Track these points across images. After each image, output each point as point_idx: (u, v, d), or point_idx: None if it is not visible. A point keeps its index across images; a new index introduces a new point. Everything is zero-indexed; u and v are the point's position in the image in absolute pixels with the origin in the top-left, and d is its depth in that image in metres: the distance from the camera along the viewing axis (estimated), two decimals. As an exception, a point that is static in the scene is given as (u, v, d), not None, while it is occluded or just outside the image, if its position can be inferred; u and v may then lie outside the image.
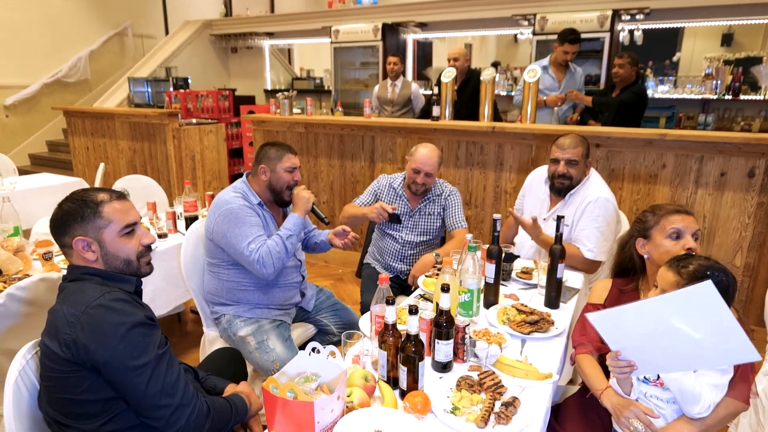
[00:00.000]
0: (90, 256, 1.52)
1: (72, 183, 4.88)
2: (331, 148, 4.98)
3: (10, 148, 8.48)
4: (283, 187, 2.55)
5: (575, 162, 2.72)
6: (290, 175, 2.54)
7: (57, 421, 1.47)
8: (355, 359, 1.77)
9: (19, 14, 8.40)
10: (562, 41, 4.66)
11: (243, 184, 2.57)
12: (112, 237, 1.54)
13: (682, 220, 1.93)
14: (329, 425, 1.35)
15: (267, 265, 2.36)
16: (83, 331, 1.38)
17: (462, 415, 1.51)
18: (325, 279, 4.85)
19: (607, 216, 2.67)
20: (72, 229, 1.50)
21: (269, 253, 2.36)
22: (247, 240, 2.37)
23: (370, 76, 8.23)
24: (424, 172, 2.98)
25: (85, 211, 1.51)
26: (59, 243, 1.54)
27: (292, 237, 2.46)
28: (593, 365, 1.86)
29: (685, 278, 1.59)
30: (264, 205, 2.56)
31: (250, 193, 2.54)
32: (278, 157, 2.51)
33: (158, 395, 1.43)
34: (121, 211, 1.57)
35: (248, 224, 2.40)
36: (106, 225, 1.53)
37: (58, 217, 1.52)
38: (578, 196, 2.77)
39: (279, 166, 2.51)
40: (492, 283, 2.24)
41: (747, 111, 6.28)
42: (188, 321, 4.06)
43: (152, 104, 8.56)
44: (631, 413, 1.63)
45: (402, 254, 3.17)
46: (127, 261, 1.58)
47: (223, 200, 2.46)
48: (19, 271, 2.58)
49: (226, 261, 2.52)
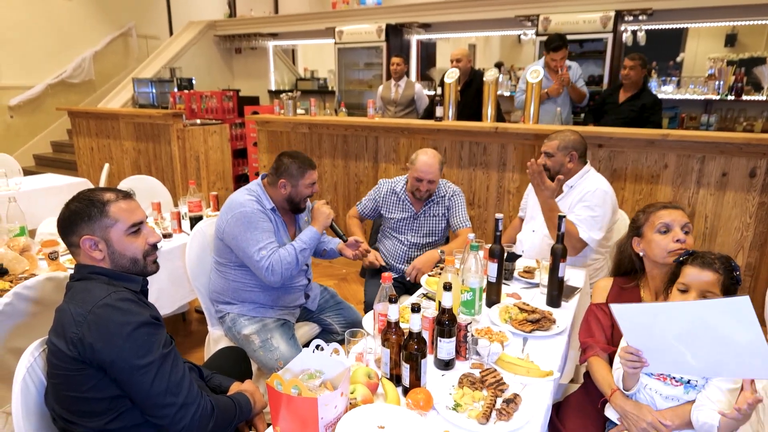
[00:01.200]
0: (97, 255, 1.55)
1: (77, 183, 4.90)
2: (334, 149, 5.01)
3: (14, 149, 8.52)
4: (302, 199, 2.58)
5: (550, 154, 2.86)
6: (310, 189, 2.57)
7: (63, 418, 1.49)
8: (358, 357, 1.78)
9: (24, 15, 8.45)
10: (547, 50, 4.68)
11: (258, 187, 2.57)
12: (118, 236, 1.56)
13: (669, 215, 1.97)
14: (333, 421, 1.37)
15: (276, 273, 2.37)
16: (90, 330, 1.40)
17: (464, 411, 1.52)
18: (329, 279, 4.87)
19: (605, 205, 2.72)
20: (79, 229, 1.52)
21: (280, 261, 2.38)
22: (258, 245, 2.38)
23: (373, 76, 8.25)
24: (427, 180, 2.99)
25: (92, 210, 1.53)
26: (67, 242, 1.56)
27: (306, 251, 2.49)
28: (605, 368, 1.87)
29: (722, 273, 1.61)
30: (277, 211, 2.57)
31: (265, 197, 2.54)
32: (300, 174, 2.52)
33: (163, 394, 1.45)
34: (128, 210, 1.59)
35: (260, 229, 2.41)
36: (113, 224, 1.55)
37: (65, 216, 1.54)
38: (577, 189, 2.84)
39: (301, 183, 2.53)
40: (494, 282, 2.25)
41: (750, 111, 6.27)
42: (193, 320, 4.08)
43: (156, 105, 8.60)
44: (650, 426, 1.64)
45: (408, 256, 3.18)
46: (134, 260, 1.60)
47: (237, 202, 2.47)
48: (25, 270, 2.61)
49: (233, 262, 2.54)
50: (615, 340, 1.94)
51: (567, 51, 4.70)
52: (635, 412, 1.68)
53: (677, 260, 1.75)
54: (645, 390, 1.73)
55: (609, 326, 1.99)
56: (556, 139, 2.86)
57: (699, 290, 1.64)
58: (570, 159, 2.83)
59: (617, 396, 1.75)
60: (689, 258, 1.71)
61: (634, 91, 4.60)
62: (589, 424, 1.87)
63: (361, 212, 3.29)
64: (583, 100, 4.96)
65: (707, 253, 1.69)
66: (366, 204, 3.27)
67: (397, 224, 3.18)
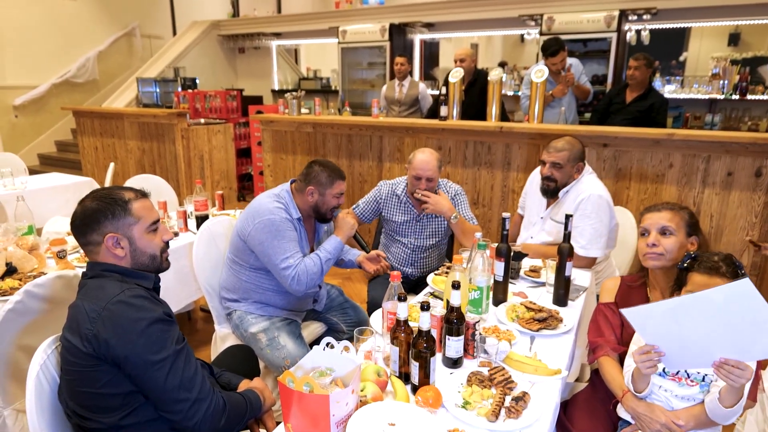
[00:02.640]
0: (119, 252, 1.58)
1: (82, 183, 4.92)
2: (339, 148, 5.02)
3: (19, 148, 8.55)
4: (328, 209, 2.58)
5: (559, 165, 2.78)
6: (337, 200, 2.57)
7: (77, 414, 1.50)
8: (367, 355, 1.79)
9: (28, 15, 8.48)
10: (545, 56, 4.67)
11: (287, 194, 2.57)
12: (140, 233, 1.61)
13: (649, 218, 1.99)
14: (344, 418, 1.38)
15: (301, 284, 2.39)
16: (104, 326, 1.42)
17: (473, 409, 1.53)
18: (334, 278, 4.88)
19: (600, 212, 2.70)
20: (103, 227, 1.55)
21: (306, 272, 2.39)
22: (285, 255, 2.39)
23: (377, 76, 8.26)
24: (425, 178, 2.93)
25: (115, 208, 1.57)
26: (84, 240, 1.58)
27: (330, 261, 2.51)
28: (615, 368, 1.88)
29: (729, 276, 1.61)
30: (302, 221, 2.58)
31: (292, 206, 2.54)
32: (329, 183, 2.52)
33: (176, 389, 1.46)
34: (147, 208, 1.64)
35: (288, 239, 2.43)
36: (136, 222, 1.60)
37: (86, 214, 1.56)
38: (571, 194, 2.81)
39: (329, 192, 2.53)
40: (501, 281, 2.26)
41: (754, 111, 6.27)
42: (198, 319, 4.09)
43: (160, 104, 8.61)
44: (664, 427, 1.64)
45: (412, 259, 3.18)
46: (153, 256, 1.65)
47: (266, 209, 2.46)
48: (34, 269, 2.62)
49: (251, 264, 2.55)
50: (624, 340, 1.95)
51: (566, 52, 4.68)
52: (647, 413, 1.69)
53: (680, 266, 1.74)
54: (659, 391, 1.73)
55: (618, 325, 2.00)
56: (565, 149, 2.78)
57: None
58: (577, 170, 2.81)
59: (628, 397, 1.75)
60: (694, 264, 1.69)
61: (640, 91, 4.59)
62: (598, 423, 1.88)
63: (359, 215, 3.22)
64: (588, 96, 4.96)
65: (710, 256, 1.68)
66: (364, 207, 3.22)
67: (400, 227, 3.16)
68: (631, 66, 4.56)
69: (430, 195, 2.90)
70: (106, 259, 1.58)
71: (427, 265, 3.19)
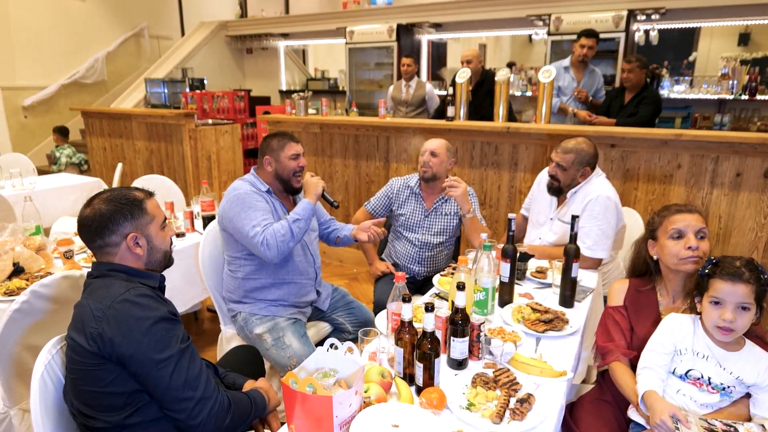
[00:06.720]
0: (139, 251, 1.62)
1: (90, 183, 4.94)
2: (346, 149, 5.02)
3: (28, 149, 8.59)
4: (290, 175, 2.60)
5: (563, 167, 2.78)
6: (295, 162, 2.59)
7: (82, 413, 1.50)
8: (371, 356, 1.79)
9: (38, 17, 8.53)
10: (579, 36, 4.75)
11: (251, 175, 2.65)
12: (156, 231, 1.67)
13: (682, 220, 1.93)
14: (347, 419, 1.37)
15: (271, 247, 2.37)
16: (109, 325, 1.43)
17: (477, 411, 1.52)
18: (340, 278, 4.88)
19: (607, 213, 2.69)
20: (123, 228, 1.59)
21: (274, 235, 2.38)
22: (252, 223, 2.41)
23: (384, 76, 8.25)
24: (429, 151, 3.06)
25: (133, 209, 1.61)
26: (100, 242, 1.59)
27: (300, 221, 2.47)
28: (627, 373, 1.86)
29: (753, 282, 1.59)
30: (273, 193, 2.61)
31: (258, 181, 2.61)
32: (281, 147, 2.57)
33: (181, 388, 1.47)
34: (157, 207, 1.70)
35: (254, 208, 2.45)
36: (151, 220, 1.65)
37: (104, 217, 1.57)
38: (580, 195, 2.80)
39: (282, 155, 2.57)
40: (507, 282, 2.25)
41: (764, 111, 6.21)
42: (205, 319, 4.10)
43: (168, 105, 8.64)
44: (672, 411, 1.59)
45: (419, 256, 3.18)
46: (165, 252, 1.71)
47: (232, 188, 2.55)
48: (41, 269, 2.64)
49: (240, 251, 2.57)
50: (634, 344, 1.93)
51: (597, 44, 4.81)
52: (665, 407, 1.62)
53: (701, 272, 1.71)
54: (678, 395, 1.71)
55: (628, 329, 1.98)
56: (572, 152, 2.76)
57: (734, 304, 1.61)
58: (582, 174, 2.80)
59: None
60: (716, 269, 1.66)
61: (637, 91, 4.62)
62: (605, 425, 1.86)
63: (371, 211, 3.28)
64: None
65: (731, 261, 1.65)
66: (376, 203, 3.28)
67: (408, 221, 3.18)
68: (624, 69, 4.61)
69: (460, 182, 2.93)
70: (124, 259, 1.61)
71: (434, 264, 3.20)
